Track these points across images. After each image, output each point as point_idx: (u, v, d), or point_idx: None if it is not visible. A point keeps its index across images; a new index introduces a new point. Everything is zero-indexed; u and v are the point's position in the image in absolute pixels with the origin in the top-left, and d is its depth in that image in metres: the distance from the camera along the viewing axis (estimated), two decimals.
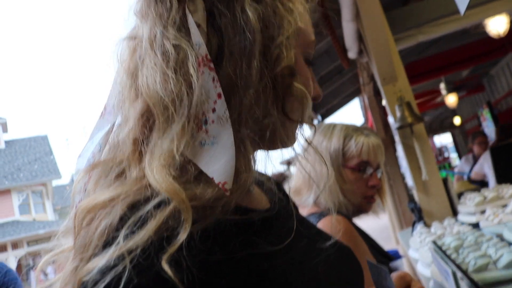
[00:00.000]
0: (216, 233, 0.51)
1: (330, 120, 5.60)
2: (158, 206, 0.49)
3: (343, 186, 1.38)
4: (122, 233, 0.47)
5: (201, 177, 0.53)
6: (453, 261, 1.32)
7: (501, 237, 1.57)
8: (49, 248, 0.58)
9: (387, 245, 2.13)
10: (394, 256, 1.48)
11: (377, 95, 5.04)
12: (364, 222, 1.55)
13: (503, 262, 1.33)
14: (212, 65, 0.55)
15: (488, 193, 2.34)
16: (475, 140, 5.60)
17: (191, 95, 0.53)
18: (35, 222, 21.43)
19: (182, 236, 0.47)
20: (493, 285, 1.31)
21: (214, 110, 0.54)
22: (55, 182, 24.05)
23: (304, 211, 1.35)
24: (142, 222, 0.48)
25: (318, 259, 0.62)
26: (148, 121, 0.56)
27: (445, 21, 3.49)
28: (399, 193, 5.44)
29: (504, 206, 2.12)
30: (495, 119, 7.13)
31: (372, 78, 3.94)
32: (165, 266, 0.44)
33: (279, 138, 0.62)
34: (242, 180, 0.55)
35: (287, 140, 0.63)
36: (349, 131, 1.44)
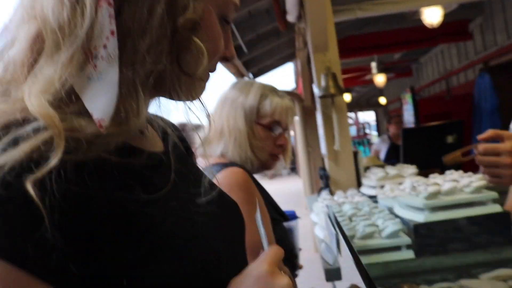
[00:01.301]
0: (94, 169, 0.51)
1: (260, 79, 5.63)
2: (35, 130, 0.48)
3: (252, 142, 1.42)
4: None
5: (85, 112, 0.52)
6: (338, 224, 1.42)
7: (391, 210, 1.70)
8: None
9: (298, 209, 2.23)
10: (290, 216, 1.56)
11: (309, 62, 5.10)
12: (280, 185, 1.62)
13: (386, 232, 1.45)
14: (111, 1, 0.53)
15: (391, 170, 2.50)
16: (392, 120, 5.92)
17: (84, 27, 0.52)
18: None
19: (52, 162, 0.46)
20: (376, 251, 1.42)
21: (105, 47, 0.53)
22: None
23: (210, 160, 1.37)
24: (15, 142, 0.47)
25: (196, 210, 0.63)
26: (39, 46, 0.54)
27: (385, 2, 3.59)
28: (315, 160, 5.65)
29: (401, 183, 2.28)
30: (415, 104, 7.52)
31: (306, 44, 3.98)
32: (29, 186, 0.44)
33: (172, 89, 0.61)
34: (129, 123, 0.55)
35: (180, 93, 0.62)
36: (266, 90, 1.48)
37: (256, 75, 6.22)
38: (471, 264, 1.30)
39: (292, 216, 1.56)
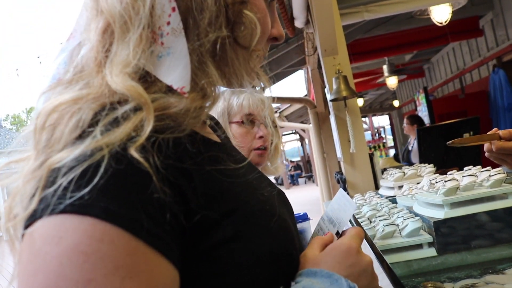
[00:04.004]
0: (188, 144, 0.55)
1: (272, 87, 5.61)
2: (133, 109, 0.51)
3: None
4: (98, 129, 0.48)
5: (169, 91, 0.56)
6: (359, 224, 1.40)
7: (410, 209, 1.67)
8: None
9: (316, 216, 2.21)
10: (302, 217, 1.55)
11: (320, 68, 5.09)
12: (297, 193, 1.62)
13: (407, 230, 1.43)
14: None
15: (408, 170, 2.47)
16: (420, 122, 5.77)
17: (147, 7, 0.56)
18: None
19: (147, 129, 0.49)
20: (397, 250, 1.40)
21: (168, 23, 0.57)
22: None
23: None
24: (117, 122, 0.50)
25: (265, 191, 0.67)
26: (109, 37, 0.57)
27: (391, 2, 3.58)
28: (331, 166, 5.61)
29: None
30: (429, 104, 7.45)
31: (316, 50, 3.98)
32: (135, 154, 0.47)
33: (232, 64, 0.65)
34: (212, 95, 0.60)
35: (240, 68, 0.66)
36: (235, 91, 1.50)
37: None
38: (495, 259, 1.27)
39: (304, 217, 1.55)
